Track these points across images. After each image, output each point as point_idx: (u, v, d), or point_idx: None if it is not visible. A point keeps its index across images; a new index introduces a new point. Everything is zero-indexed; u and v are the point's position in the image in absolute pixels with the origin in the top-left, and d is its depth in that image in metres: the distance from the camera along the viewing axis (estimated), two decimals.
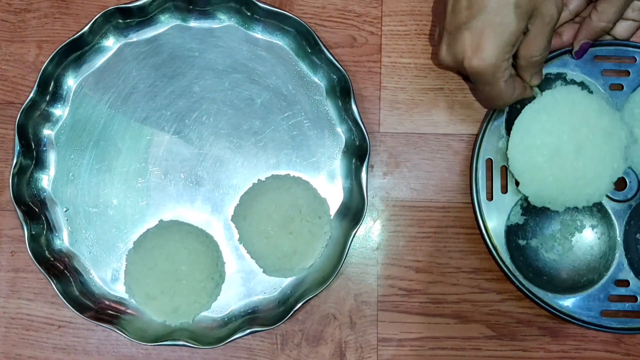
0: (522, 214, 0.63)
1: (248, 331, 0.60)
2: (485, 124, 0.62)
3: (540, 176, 0.59)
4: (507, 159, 0.60)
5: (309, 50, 0.63)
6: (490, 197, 0.62)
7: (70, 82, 0.65)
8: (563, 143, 0.58)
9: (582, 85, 0.63)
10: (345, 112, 0.63)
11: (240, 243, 0.63)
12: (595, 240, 0.63)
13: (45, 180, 0.64)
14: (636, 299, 0.61)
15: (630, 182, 0.62)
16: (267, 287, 0.64)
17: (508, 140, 0.60)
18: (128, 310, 0.63)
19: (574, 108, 0.59)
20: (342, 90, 0.62)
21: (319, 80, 0.65)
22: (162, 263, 0.61)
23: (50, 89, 0.63)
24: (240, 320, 0.62)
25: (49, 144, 0.64)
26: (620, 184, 0.62)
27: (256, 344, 0.64)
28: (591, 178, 0.59)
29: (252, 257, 0.63)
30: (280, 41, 0.65)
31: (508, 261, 0.61)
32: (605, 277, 0.61)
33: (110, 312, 0.63)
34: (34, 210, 0.63)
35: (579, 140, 0.58)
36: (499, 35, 0.52)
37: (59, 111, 0.64)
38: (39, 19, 0.66)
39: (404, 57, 0.66)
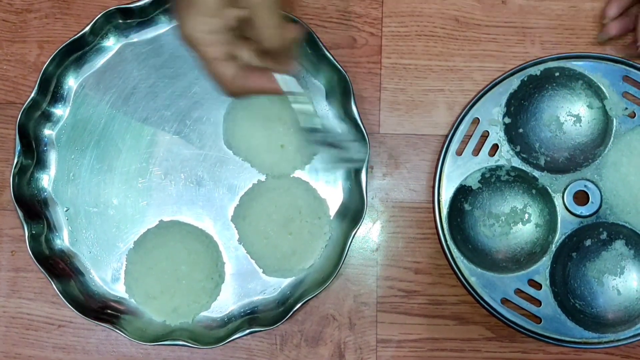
0: (479, 181, 0.63)
1: (247, 331, 0.60)
2: (489, 85, 0.63)
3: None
4: (498, 126, 0.62)
5: (309, 51, 0.63)
6: (459, 152, 0.63)
7: (71, 82, 0.65)
8: None
9: (595, 88, 0.63)
10: (345, 113, 0.63)
11: (240, 243, 0.63)
12: (532, 238, 0.63)
13: (46, 180, 0.64)
14: (540, 304, 0.61)
15: (592, 202, 0.62)
16: (267, 287, 0.64)
17: (505, 112, 0.62)
18: (128, 310, 0.63)
19: None
20: (342, 91, 0.62)
21: (319, 81, 0.65)
22: (162, 263, 0.61)
23: (51, 89, 0.63)
24: (240, 320, 0.63)
25: (50, 144, 0.65)
26: (582, 199, 0.62)
27: (255, 344, 0.64)
28: None
29: (251, 258, 0.63)
30: None
31: (444, 214, 0.62)
32: (522, 272, 0.62)
33: (110, 311, 0.63)
34: (35, 210, 0.63)
35: None
36: (194, 6, 0.48)
37: (60, 111, 0.65)
38: (40, 19, 0.66)
39: (404, 59, 0.66)
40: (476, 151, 0.63)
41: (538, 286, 0.62)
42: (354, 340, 0.64)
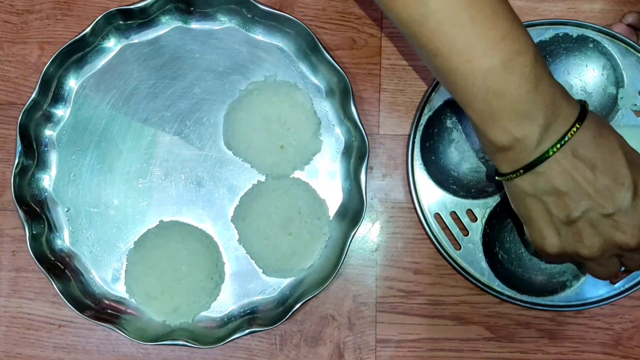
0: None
1: (247, 331, 0.60)
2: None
3: None
4: None
5: (309, 52, 0.64)
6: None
7: (72, 83, 0.65)
8: None
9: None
10: (344, 114, 0.63)
11: (240, 244, 0.64)
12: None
13: (47, 180, 0.65)
14: (467, 234, 0.62)
15: None
16: (266, 287, 0.64)
17: None
18: (128, 310, 0.63)
19: None
20: (341, 92, 0.63)
21: (318, 82, 0.65)
22: (162, 263, 0.61)
23: (52, 89, 0.64)
24: (240, 320, 0.63)
25: (51, 145, 0.65)
26: None
27: (255, 344, 0.64)
28: None
29: (251, 258, 0.64)
30: (280, 43, 0.65)
31: (425, 119, 0.62)
32: (466, 200, 0.62)
33: (110, 311, 0.63)
34: (35, 210, 0.63)
35: None
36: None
37: (61, 112, 0.65)
38: (41, 20, 0.66)
39: (404, 60, 0.66)
40: None
41: (474, 218, 0.63)
42: (353, 340, 0.64)
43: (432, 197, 0.62)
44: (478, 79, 0.46)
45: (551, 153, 0.47)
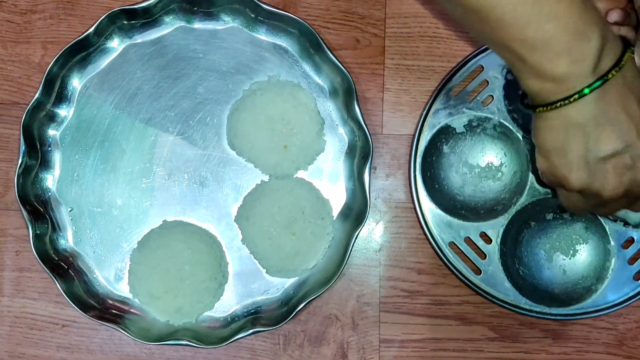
0: (465, 126, 0.64)
1: (251, 331, 0.60)
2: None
3: None
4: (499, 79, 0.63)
5: (313, 52, 0.64)
6: (455, 93, 0.63)
7: (75, 82, 0.65)
8: None
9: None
10: (348, 114, 0.63)
11: (244, 243, 0.64)
12: (498, 197, 0.64)
13: (50, 180, 0.65)
14: (485, 257, 0.62)
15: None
16: (270, 287, 0.64)
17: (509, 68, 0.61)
18: (132, 310, 0.63)
19: None
20: (345, 92, 0.63)
21: (322, 82, 0.65)
22: (165, 263, 0.61)
23: (56, 89, 0.64)
24: (243, 320, 0.63)
25: (54, 144, 0.65)
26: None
27: (259, 344, 0.64)
28: None
29: (255, 258, 0.64)
30: (283, 43, 0.65)
31: (422, 148, 0.62)
32: (477, 223, 0.62)
33: (114, 311, 0.63)
34: (39, 210, 0.63)
35: None
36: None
37: (64, 112, 0.65)
38: (44, 20, 0.66)
39: (407, 59, 0.66)
40: (471, 96, 0.63)
41: (489, 240, 0.63)
42: (356, 340, 0.64)
43: (443, 225, 0.62)
44: (528, 4, 0.44)
45: (610, 77, 0.45)
